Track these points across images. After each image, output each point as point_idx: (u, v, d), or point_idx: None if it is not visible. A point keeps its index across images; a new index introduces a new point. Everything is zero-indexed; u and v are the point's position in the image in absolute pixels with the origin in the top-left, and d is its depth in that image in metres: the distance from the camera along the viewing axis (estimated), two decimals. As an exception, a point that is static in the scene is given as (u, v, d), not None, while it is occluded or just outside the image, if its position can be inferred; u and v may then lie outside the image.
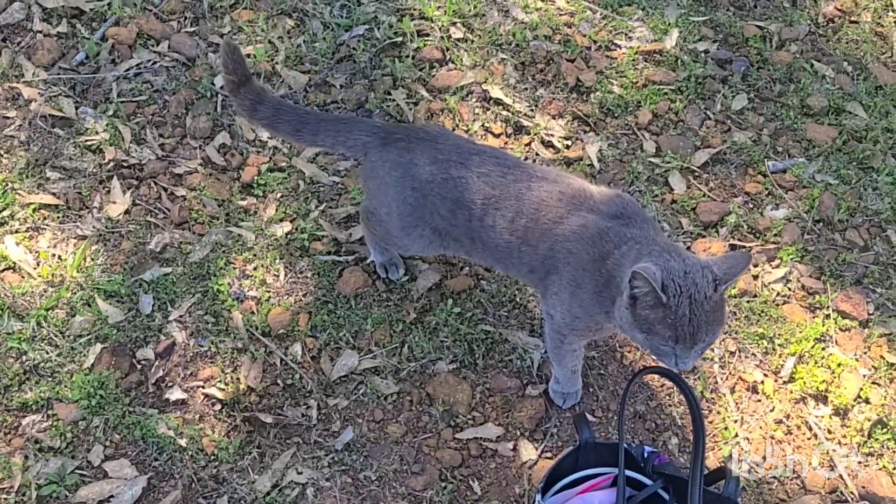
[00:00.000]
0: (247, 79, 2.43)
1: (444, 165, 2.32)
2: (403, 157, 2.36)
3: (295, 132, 2.45)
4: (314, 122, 2.46)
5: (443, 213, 2.35)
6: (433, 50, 3.26)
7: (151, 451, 2.43)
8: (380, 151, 2.40)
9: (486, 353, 2.62)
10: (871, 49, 3.36)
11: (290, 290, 2.73)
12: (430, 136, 2.39)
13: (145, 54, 3.20)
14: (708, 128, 3.13)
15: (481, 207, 2.29)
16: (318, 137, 2.46)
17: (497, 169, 2.30)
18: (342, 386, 2.56)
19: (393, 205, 2.40)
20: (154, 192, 2.90)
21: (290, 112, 2.45)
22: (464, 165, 2.31)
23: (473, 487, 2.42)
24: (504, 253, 2.33)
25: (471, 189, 2.29)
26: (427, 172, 2.33)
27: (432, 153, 2.34)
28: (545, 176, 2.30)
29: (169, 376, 2.56)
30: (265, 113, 2.43)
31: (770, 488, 2.43)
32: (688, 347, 1.95)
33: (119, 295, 2.66)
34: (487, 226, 2.30)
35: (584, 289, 2.19)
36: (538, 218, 2.23)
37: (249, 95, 2.43)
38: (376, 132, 2.43)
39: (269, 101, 2.44)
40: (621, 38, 3.37)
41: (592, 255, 2.15)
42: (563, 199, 2.23)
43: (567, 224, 2.20)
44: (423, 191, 2.34)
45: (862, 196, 2.95)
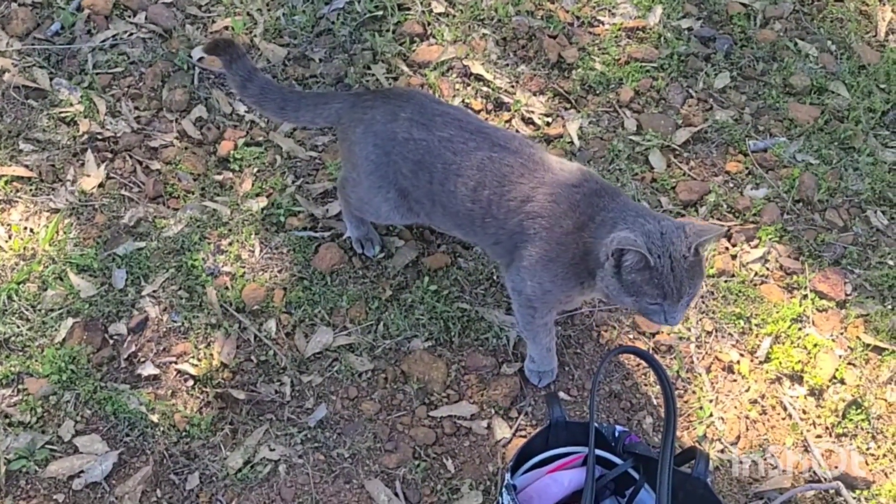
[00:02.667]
0: (239, 57, 2.48)
1: (406, 125, 2.32)
2: (366, 113, 2.39)
3: (279, 110, 2.51)
4: (296, 99, 2.51)
5: (405, 173, 2.36)
6: (414, 24, 3.22)
7: (123, 427, 2.41)
8: (349, 113, 2.43)
9: (462, 330, 2.61)
10: (856, 28, 3.34)
11: (265, 265, 2.70)
12: (396, 95, 2.42)
13: (122, 25, 3.15)
14: (690, 106, 3.11)
15: (442, 172, 2.30)
16: (299, 114, 2.51)
17: (459, 133, 2.30)
18: (316, 363, 2.55)
19: (360, 163, 2.42)
20: (129, 165, 2.86)
21: (275, 91, 2.50)
22: (426, 127, 2.31)
23: (447, 465, 2.41)
24: (465, 220, 2.34)
25: (432, 152, 2.30)
26: (388, 130, 2.34)
27: (395, 111, 2.35)
28: (507, 145, 2.29)
29: (141, 352, 2.54)
30: (253, 91, 2.50)
31: (743, 468, 2.42)
32: (675, 301, 2.02)
33: (92, 269, 2.64)
34: (448, 191, 2.31)
35: (559, 262, 2.20)
36: (503, 193, 2.23)
37: (240, 72, 2.49)
38: (348, 98, 2.48)
39: (258, 80, 2.49)
40: (604, 15, 3.34)
41: (567, 228, 2.16)
42: (526, 173, 2.24)
43: (536, 201, 2.19)
44: (385, 148, 2.35)
45: (842, 176, 2.94)
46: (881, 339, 2.62)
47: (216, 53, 2.53)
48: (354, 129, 2.39)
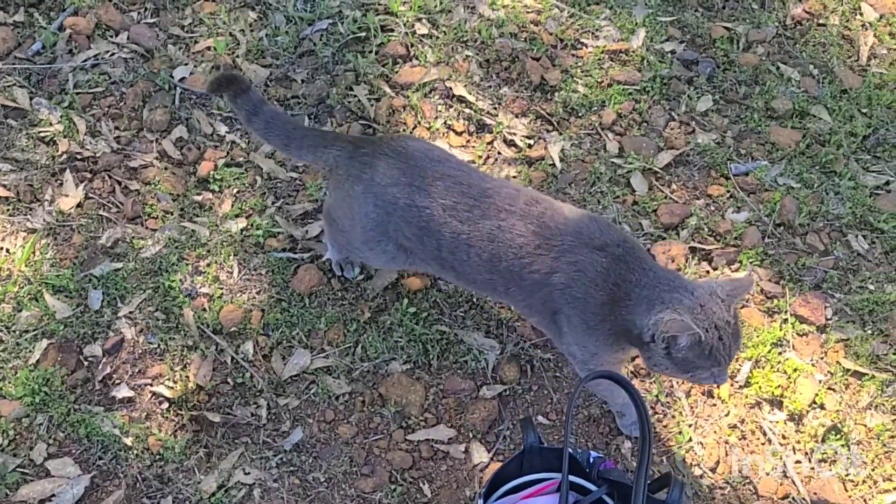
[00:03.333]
0: (244, 90, 2.43)
1: (407, 190, 2.23)
2: (365, 172, 2.29)
3: (284, 146, 2.47)
4: (299, 137, 2.45)
5: (408, 236, 2.28)
6: (397, 45, 3.22)
7: (96, 450, 2.39)
8: (346, 164, 2.34)
9: (441, 353, 2.59)
10: (838, 52, 3.34)
11: (243, 287, 2.69)
12: (394, 151, 2.30)
13: (103, 45, 3.15)
14: (672, 129, 3.11)
15: (451, 242, 2.21)
16: (301, 152, 2.45)
17: (462, 201, 2.20)
18: (293, 385, 2.53)
19: (356, 218, 2.34)
20: (108, 185, 2.85)
21: (280, 126, 2.44)
22: (427, 193, 2.22)
23: (423, 490, 2.39)
24: (486, 287, 2.28)
25: (437, 221, 2.21)
26: (390, 194, 2.25)
27: (395, 174, 2.26)
28: (512, 208, 2.19)
29: (116, 374, 2.52)
30: (259, 124, 2.45)
31: (723, 493, 2.41)
32: (726, 365, 2.06)
33: (67, 290, 2.62)
34: (461, 260, 2.23)
35: (600, 330, 2.17)
36: (523, 266, 2.16)
37: (246, 106, 2.44)
38: (346, 146, 2.38)
39: (264, 113, 2.44)
40: (588, 37, 3.34)
41: (600, 300, 2.12)
42: (542, 243, 2.16)
43: (562, 271, 2.14)
44: (387, 209, 2.27)
45: (823, 200, 2.94)
46: (861, 363, 2.60)
47: (220, 91, 2.50)
48: (353, 185, 2.30)
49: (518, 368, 2.57)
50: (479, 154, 2.99)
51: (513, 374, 2.56)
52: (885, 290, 2.74)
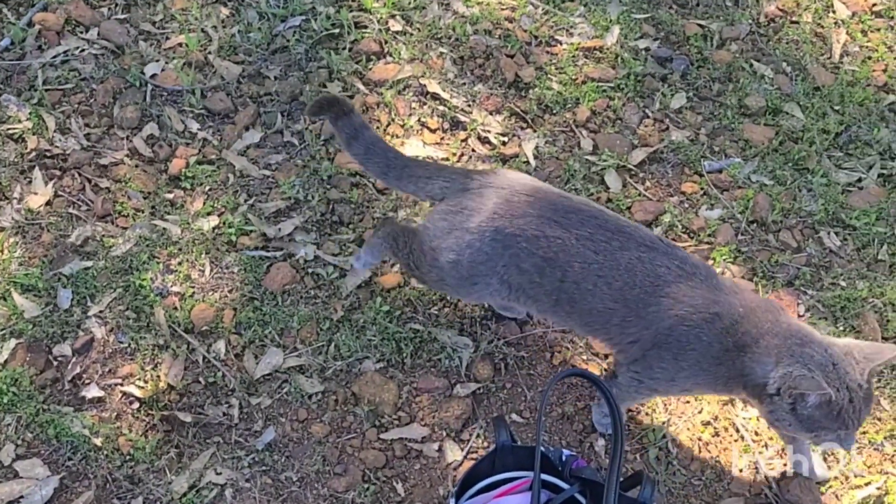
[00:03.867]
0: (345, 113, 2.37)
1: (537, 222, 2.18)
2: (485, 204, 2.22)
3: (382, 174, 2.41)
4: (399, 167, 2.38)
5: (525, 268, 2.21)
6: (371, 42, 3.20)
7: (65, 451, 2.36)
8: (459, 197, 2.27)
9: (415, 352, 2.58)
10: (811, 50, 3.36)
11: (215, 285, 2.66)
12: (513, 183, 2.26)
13: (73, 41, 3.12)
14: (646, 126, 3.11)
15: (580, 271, 2.16)
16: (401, 182, 2.38)
17: (600, 233, 2.16)
18: (266, 384, 2.51)
19: (465, 252, 2.24)
20: (77, 183, 2.82)
21: (380, 154, 2.39)
22: (560, 225, 2.17)
23: (397, 489, 2.38)
24: (599, 318, 2.22)
25: (569, 251, 2.16)
26: (515, 226, 2.18)
27: (522, 205, 2.20)
28: (652, 244, 2.17)
29: (86, 373, 2.49)
30: (358, 149, 2.39)
31: (696, 490, 2.41)
32: (854, 430, 2.02)
33: (36, 289, 2.59)
34: (584, 289, 2.18)
35: (710, 373, 2.14)
36: (655, 293, 2.13)
37: (346, 130, 2.38)
38: (456, 177, 2.31)
39: (364, 138, 2.38)
40: (562, 34, 3.34)
41: (726, 345, 2.09)
42: (683, 276, 2.14)
43: (695, 308, 2.11)
44: (506, 242, 2.20)
45: (796, 197, 2.95)
46: (833, 360, 2.61)
47: (321, 113, 2.45)
48: (468, 217, 2.23)
49: (492, 366, 2.56)
50: (453, 151, 2.98)
51: (487, 372, 2.55)
52: (857, 286, 2.75)
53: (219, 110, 3.01)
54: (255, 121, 3.01)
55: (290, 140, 2.97)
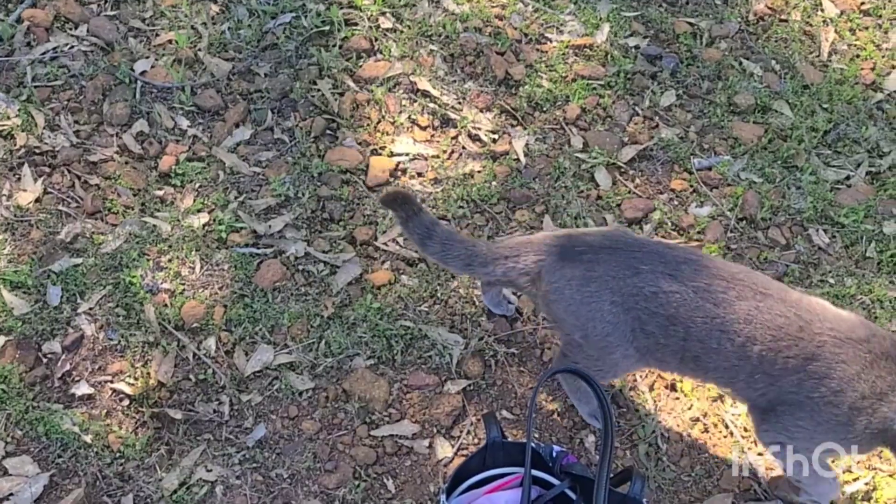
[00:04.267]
0: (416, 213, 2.28)
1: (651, 277, 2.08)
2: (594, 269, 2.12)
3: (466, 266, 2.29)
4: (483, 253, 2.26)
5: (650, 330, 2.12)
6: (361, 40, 3.20)
7: (55, 448, 2.36)
8: (560, 270, 2.15)
9: (405, 349, 2.58)
10: (800, 48, 3.37)
11: (205, 282, 2.66)
12: (618, 243, 2.15)
13: (62, 38, 3.11)
14: (636, 124, 3.12)
15: (702, 327, 2.07)
16: (488, 269, 2.26)
17: (716, 283, 2.07)
18: (256, 381, 2.51)
19: (589, 325, 2.15)
20: (67, 180, 2.81)
21: (458, 247, 2.28)
22: (674, 277, 2.08)
23: (387, 485, 2.38)
24: (725, 375, 2.14)
25: (688, 305, 2.06)
26: (630, 285, 2.09)
27: (632, 263, 2.10)
28: (768, 290, 2.08)
29: (76, 370, 2.48)
30: (434, 248, 2.29)
31: (685, 486, 2.42)
32: None
33: (26, 286, 2.58)
34: (710, 348, 2.09)
35: (846, 427, 2.06)
36: (778, 349, 2.04)
37: (419, 230, 2.29)
38: (549, 249, 2.19)
39: (438, 234, 2.28)
40: (552, 32, 3.34)
41: (862, 393, 2.01)
42: (804, 326, 2.04)
43: (822, 360, 2.02)
44: (626, 305, 2.10)
45: (785, 195, 2.96)
46: (822, 356, 2.62)
47: (393, 207, 2.32)
48: (582, 288, 2.12)
49: (482, 363, 2.57)
50: (443, 149, 2.98)
51: (477, 368, 2.55)
52: (845, 283, 2.77)
53: (209, 107, 3.01)
54: (245, 118, 3.00)
55: (280, 137, 2.97)
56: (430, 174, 2.93)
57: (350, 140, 2.96)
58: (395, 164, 2.93)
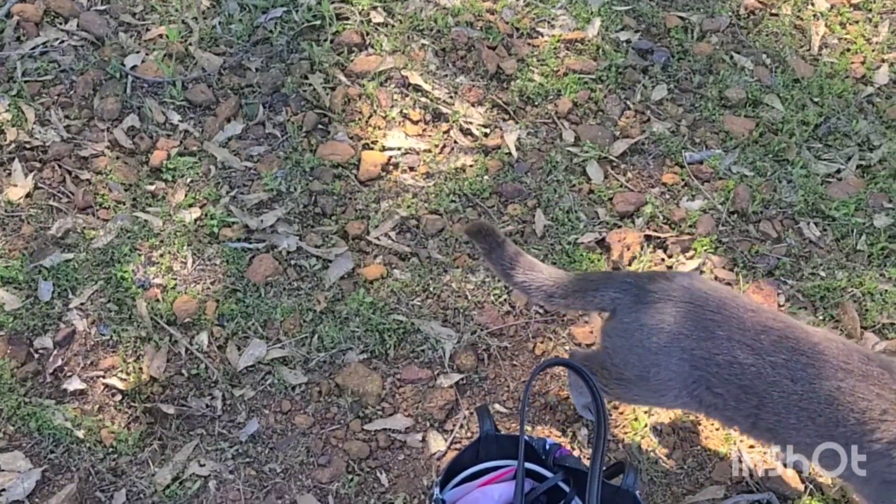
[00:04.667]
0: (499, 244, 2.26)
1: (727, 345, 2.02)
2: (667, 322, 2.07)
3: (548, 297, 2.25)
4: (564, 285, 2.24)
5: (718, 392, 2.06)
6: (352, 34, 3.20)
7: (47, 444, 2.35)
8: (634, 312, 2.12)
9: (398, 343, 2.58)
10: (790, 42, 3.38)
11: (197, 277, 2.66)
12: (698, 299, 2.09)
13: (52, 32, 3.09)
14: (627, 118, 3.12)
15: (779, 402, 2.01)
16: (568, 301, 2.24)
17: (795, 357, 2.00)
18: (249, 376, 2.51)
19: (651, 370, 2.11)
20: (58, 175, 2.80)
21: (541, 278, 2.25)
22: (752, 349, 2.01)
23: (381, 479, 2.38)
24: (806, 450, 2.06)
25: (764, 379, 2.00)
26: (703, 349, 2.03)
27: (708, 325, 2.04)
28: (849, 366, 2.00)
29: (68, 366, 2.48)
30: (518, 279, 2.25)
31: (678, 479, 2.43)
32: None
33: (17, 281, 2.57)
34: (788, 424, 2.02)
35: None
36: (863, 433, 1.97)
37: (502, 262, 2.26)
38: (627, 288, 2.16)
39: (522, 266, 2.26)
40: (544, 26, 3.34)
41: None
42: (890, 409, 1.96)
43: None
44: (696, 365, 2.05)
45: (776, 188, 2.97)
46: (813, 349, 2.63)
47: (477, 239, 2.30)
48: (651, 337, 2.08)
49: (475, 357, 2.57)
50: (435, 143, 2.98)
51: (470, 362, 2.56)
52: (836, 276, 2.78)
53: (200, 102, 3.00)
54: (237, 112, 3.00)
55: (271, 132, 2.97)
56: (421, 168, 2.93)
57: (342, 134, 2.96)
58: (387, 158, 2.93)
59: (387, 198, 2.85)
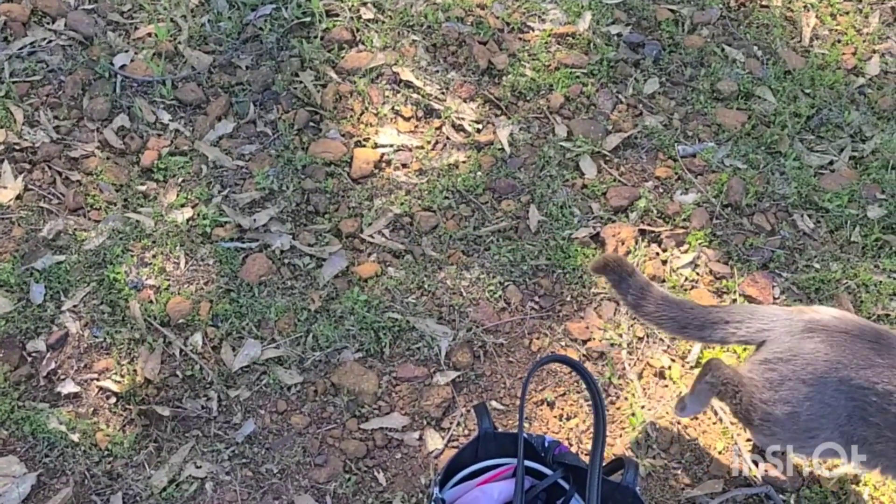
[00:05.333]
0: (630, 274, 2.24)
1: (888, 374, 1.99)
2: (823, 352, 2.04)
3: (681, 329, 2.22)
4: (700, 317, 2.19)
5: (873, 422, 2.02)
6: (342, 31, 3.18)
7: (41, 448, 2.33)
8: (787, 343, 2.08)
9: (394, 341, 2.57)
10: (781, 34, 3.38)
11: (190, 278, 2.64)
12: (855, 329, 2.06)
13: (40, 32, 3.07)
14: (619, 112, 3.12)
15: None
16: (704, 332, 2.20)
17: None
18: (244, 377, 2.49)
19: (804, 404, 2.06)
20: (48, 176, 2.78)
21: (674, 309, 2.21)
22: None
23: (378, 479, 2.37)
24: None
25: None
26: (863, 377, 1.99)
27: (868, 353, 2.01)
28: None
29: (61, 369, 2.46)
30: (648, 309, 2.23)
31: (676, 473, 2.42)
32: None
33: (8, 284, 2.55)
34: None
35: None
36: None
37: (632, 291, 2.23)
38: (775, 320, 2.13)
39: (652, 296, 2.23)
40: (534, 21, 3.33)
41: None
42: None
43: None
44: (852, 395, 2.02)
45: (770, 181, 2.97)
46: (809, 341, 2.63)
47: (605, 273, 2.28)
48: (807, 367, 2.04)
49: (471, 354, 2.56)
50: (427, 140, 2.97)
51: (466, 359, 2.55)
52: (831, 268, 2.78)
53: (190, 101, 2.98)
54: (228, 111, 2.98)
55: (263, 130, 2.95)
56: (414, 165, 2.92)
57: (334, 132, 2.95)
58: (380, 155, 2.91)
59: (380, 195, 2.84)
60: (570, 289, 2.70)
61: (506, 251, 2.74)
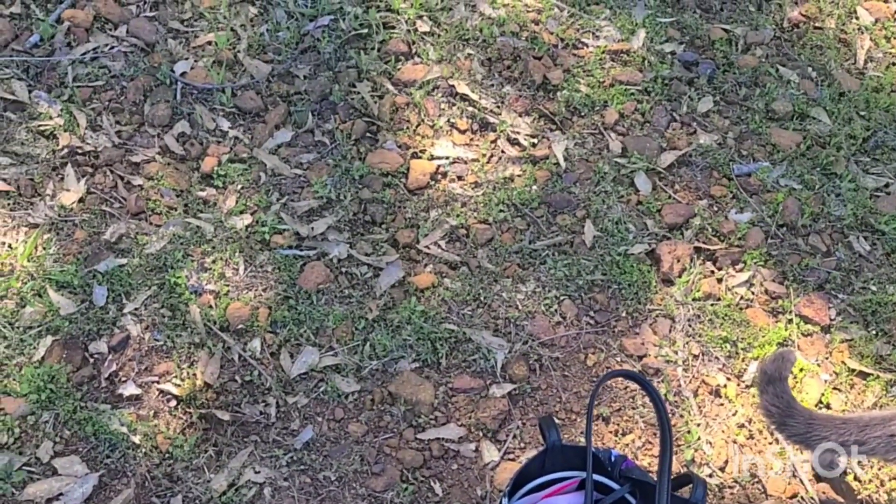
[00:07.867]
0: (779, 378, 2.18)
1: None
2: None
3: (839, 445, 2.13)
4: (855, 430, 2.10)
5: None
6: (399, 43, 3.20)
7: (103, 448, 2.35)
8: None
9: (450, 352, 2.58)
10: (835, 55, 3.38)
11: (249, 284, 2.66)
12: None
13: (102, 38, 3.11)
14: (674, 129, 3.12)
15: None
16: (864, 447, 2.10)
17: None
18: (302, 383, 2.51)
19: None
20: (110, 180, 2.81)
21: (828, 427, 2.13)
22: None
23: (435, 489, 2.38)
24: None
25: None
26: None
27: None
28: None
29: (123, 371, 2.48)
30: (797, 429, 2.16)
31: (731, 492, 2.42)
32: None
33: (71, 286, 2.58)
34: None
35: None
36: None
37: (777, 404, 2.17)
38: None
39: (798, 413, 2.16)
40: (588, 37, 3.35)
41: None
42: None
43: None
44: None
45: (825, 201, 2.96)
46: (865, 364, 2.63)
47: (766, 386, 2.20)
48: None
49: (527, 367, 2.57)
50: (483, 153, 2.99)
51: (522, 372, 2.56)
52: (888, 291, 2.77)
53: (249, 109, 3.01)
54: (286, 120, 3.00)
55: (321, 139, 2.97)
56: (470, 178, 2.93)
57: (390, 143, 2.97)
58: (436, 167, 2.93)
59: (436, 206, 2.86)
60: (625, 304, 2.71)
61: (561, 265, 2.75)
